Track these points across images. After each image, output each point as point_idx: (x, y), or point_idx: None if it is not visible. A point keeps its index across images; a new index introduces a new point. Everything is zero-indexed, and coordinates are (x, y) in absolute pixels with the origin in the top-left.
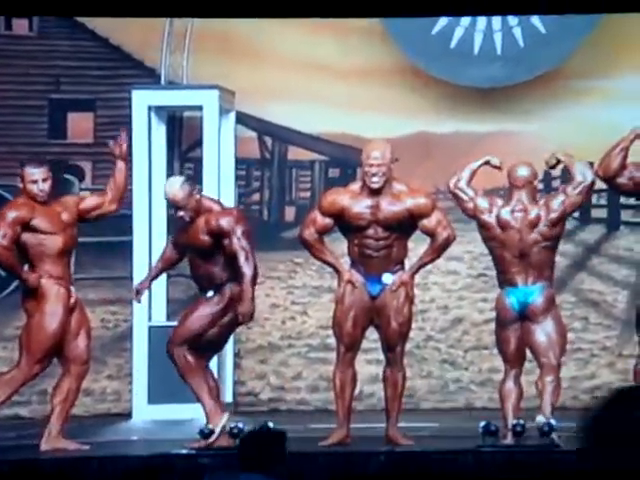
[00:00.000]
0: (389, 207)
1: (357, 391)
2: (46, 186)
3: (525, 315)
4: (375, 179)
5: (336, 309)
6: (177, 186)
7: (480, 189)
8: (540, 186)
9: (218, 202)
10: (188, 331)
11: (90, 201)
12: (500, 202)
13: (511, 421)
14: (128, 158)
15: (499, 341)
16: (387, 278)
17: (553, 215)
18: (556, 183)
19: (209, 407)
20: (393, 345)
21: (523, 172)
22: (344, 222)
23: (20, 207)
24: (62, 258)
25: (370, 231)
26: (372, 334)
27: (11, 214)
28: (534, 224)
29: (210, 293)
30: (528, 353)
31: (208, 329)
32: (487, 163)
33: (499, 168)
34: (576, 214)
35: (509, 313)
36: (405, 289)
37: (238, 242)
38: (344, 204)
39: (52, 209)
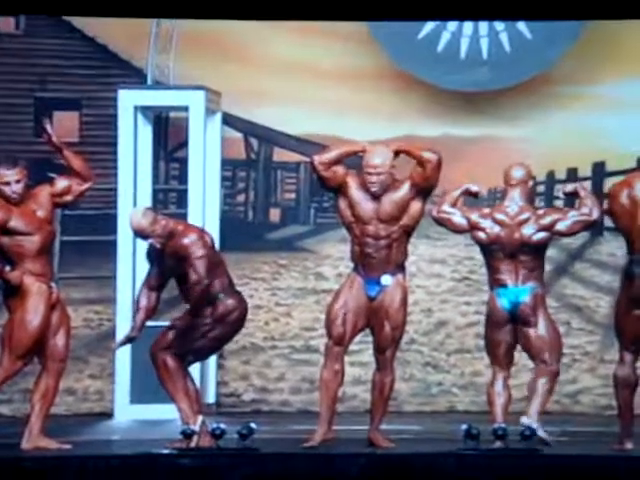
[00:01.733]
0: (390, 203)
1: (340, 393)
2: (19, 187)
3: (517, 316)
4: (375, 187)
5: (331, 303)
6: (139, 215)
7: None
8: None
9: (184, 223)
10: (176, 338)
11: (60, 184)
12: (486, 209)
13: (500, 420)
14: (61, 142)
15: (489, 343)
16: (386, 280)
17: (541, 222)
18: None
19: (184, 412)
20: (384, 348)
21: (517, 173)
22: (343, 197)
23: None
24: (42, 255)
25: (371, 228)
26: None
27: None
28: (521, 224)
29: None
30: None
31: (196, 340)
32: (467, 191)
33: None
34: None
35: (500, 314)
36: (402, 292)
37: (193, 269)
38: (348, 181)
39: (27, 208)
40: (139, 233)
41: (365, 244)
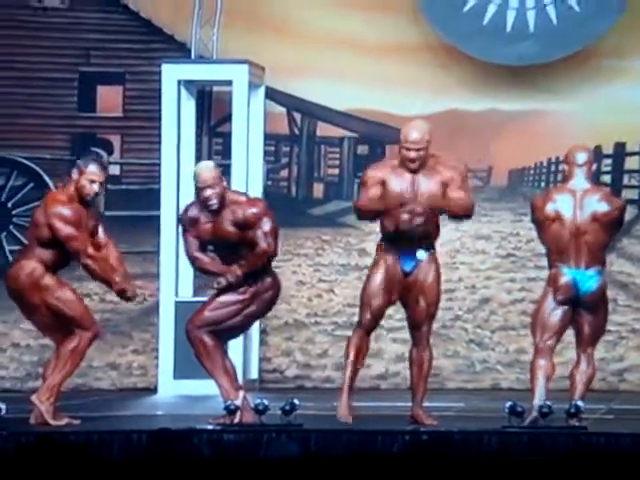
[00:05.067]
0: (427, 184)
1: (383, 370)
2: (100, 189)
3: (581, 301)
4: (413, 165)
5: (368, 277)
6: (210, 167)
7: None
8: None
9: (244, 194)
10: (211, 316)
11: (101, 234)
12: (555, 195)
13: (541, 397)
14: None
15: (542, 314)
16: (421, 255)
17: (609, 199)
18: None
19: (224, 388)
20: (420, 324)
21: (582, 156)
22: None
23: (69, 204)
24: (59, 258)
25: (408, 208)
26: (398, 312)
27: (67, 212)
28: (592, 206)
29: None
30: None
31: (231, 317)
32: None
33: None
34: None
35: (570, 291)
36: (436, 267)
37: (264, 239)
38: (386, 179)
39: (88, 213)
40: (203, 185)
41: (402, 222)
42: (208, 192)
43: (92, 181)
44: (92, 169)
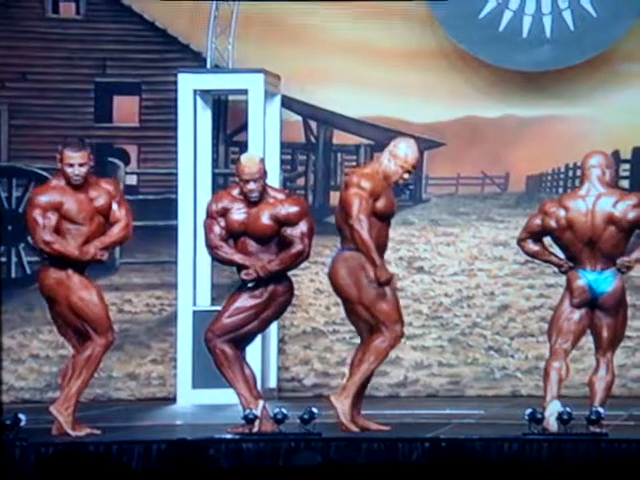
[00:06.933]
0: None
1: (402, 377)
2: (82, 171)
3: (598, 302)
4: (407, 176)
5: (369, 291)
6: (257, 159)
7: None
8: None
9: (283, 191)
10: (229, 323)
11: (115, 207)
12: (567, 202)
13: (553, 396)
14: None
15: (559, 318)
16: None
17: (628, 202)
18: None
19: (244, 397)
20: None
21: (595, 160)
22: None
23: (50, 190)
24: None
25: (388, 220)
26: (417, 320)
27: (43, 198)
28: (606, 210)
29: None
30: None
31: (249, 323)
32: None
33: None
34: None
35: (585, 294)
36: None
37: (301, 240)
38: (381, 193)
39: (85, 196)
40: (249, 177)
41: (384, 235)
42: (252, 185)
43: (70, 165)
44: (67, 153)
